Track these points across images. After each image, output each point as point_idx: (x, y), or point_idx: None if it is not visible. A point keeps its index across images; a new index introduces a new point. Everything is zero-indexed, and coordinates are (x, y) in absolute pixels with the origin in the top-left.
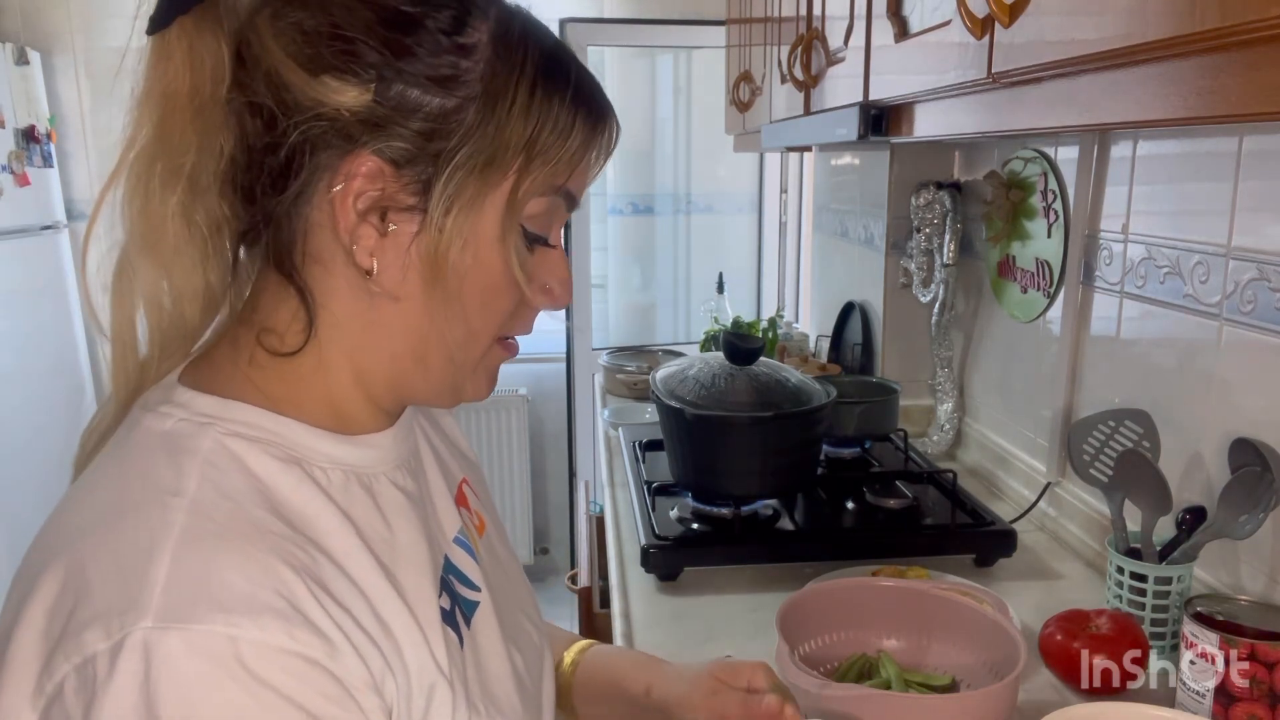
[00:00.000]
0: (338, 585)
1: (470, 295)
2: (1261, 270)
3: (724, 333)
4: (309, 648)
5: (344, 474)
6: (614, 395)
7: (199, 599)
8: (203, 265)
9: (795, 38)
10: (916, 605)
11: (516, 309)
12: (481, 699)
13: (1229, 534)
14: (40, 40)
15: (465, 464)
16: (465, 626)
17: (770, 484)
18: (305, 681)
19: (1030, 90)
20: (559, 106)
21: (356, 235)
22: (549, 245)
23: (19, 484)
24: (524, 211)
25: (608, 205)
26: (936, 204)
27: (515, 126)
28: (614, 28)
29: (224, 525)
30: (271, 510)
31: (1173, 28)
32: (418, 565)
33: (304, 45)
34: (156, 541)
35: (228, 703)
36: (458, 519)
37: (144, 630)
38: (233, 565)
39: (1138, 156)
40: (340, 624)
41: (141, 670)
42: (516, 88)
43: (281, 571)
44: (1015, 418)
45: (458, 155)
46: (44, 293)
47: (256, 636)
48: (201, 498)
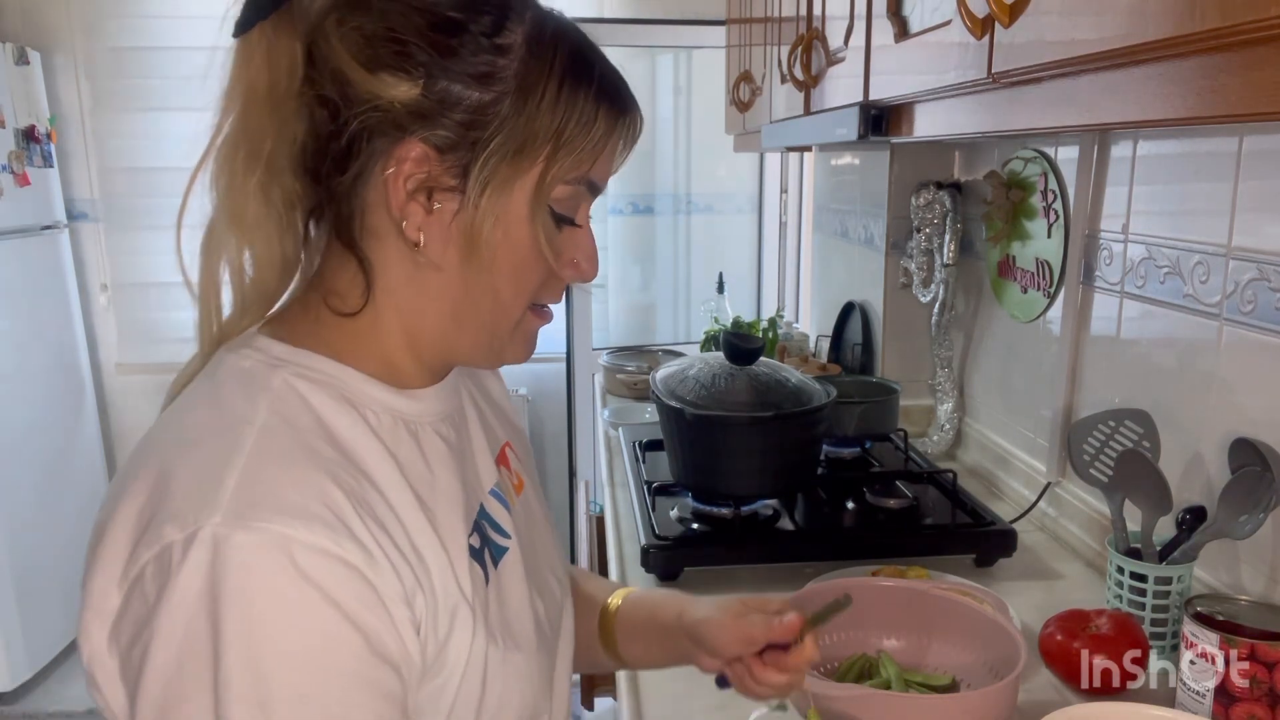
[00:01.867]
0: (379, 509)
1: (502, 267)
2: (1261, 270)
3: (724, 333)
4: (350, 554)
5: (393, 419)
6: (614, 395)
7: (261, 504)
8: (279, 237)
9: (795, 38)
10: (916, 605)
11: (546, 280)
12: (500, 630)
13: (1229, 534)
14: (40, 40)
15: (510, 430)
16: (493, 567)
17: (770, 484)
18: (344, 584)
19: (1030, 90)
20: (584, 100)
21: (406, 212)
22: (575, 225)
23: (19, 483)
24: (551, 194)
25: (608, 205)
26: (936, 204)
27: (544, 118)
28: (614, 28)
29: (286, 448)
30: (327, 440)
31: (1173, 28)
32: (451, 504)
33: (364, 46)
34: (229, 457)
35: (276, 591)
36: (495, 474)
37: (213, 526)
38: (291, 480)
39: (1138, 156)
40: (379, 540)
41: (209, 559)
42: (546, 83)
43: (331, 490)
44: (1015, 418)
45: (493, 143)
46: (44, 293)
47: (307, 539)
48: (269, 425)
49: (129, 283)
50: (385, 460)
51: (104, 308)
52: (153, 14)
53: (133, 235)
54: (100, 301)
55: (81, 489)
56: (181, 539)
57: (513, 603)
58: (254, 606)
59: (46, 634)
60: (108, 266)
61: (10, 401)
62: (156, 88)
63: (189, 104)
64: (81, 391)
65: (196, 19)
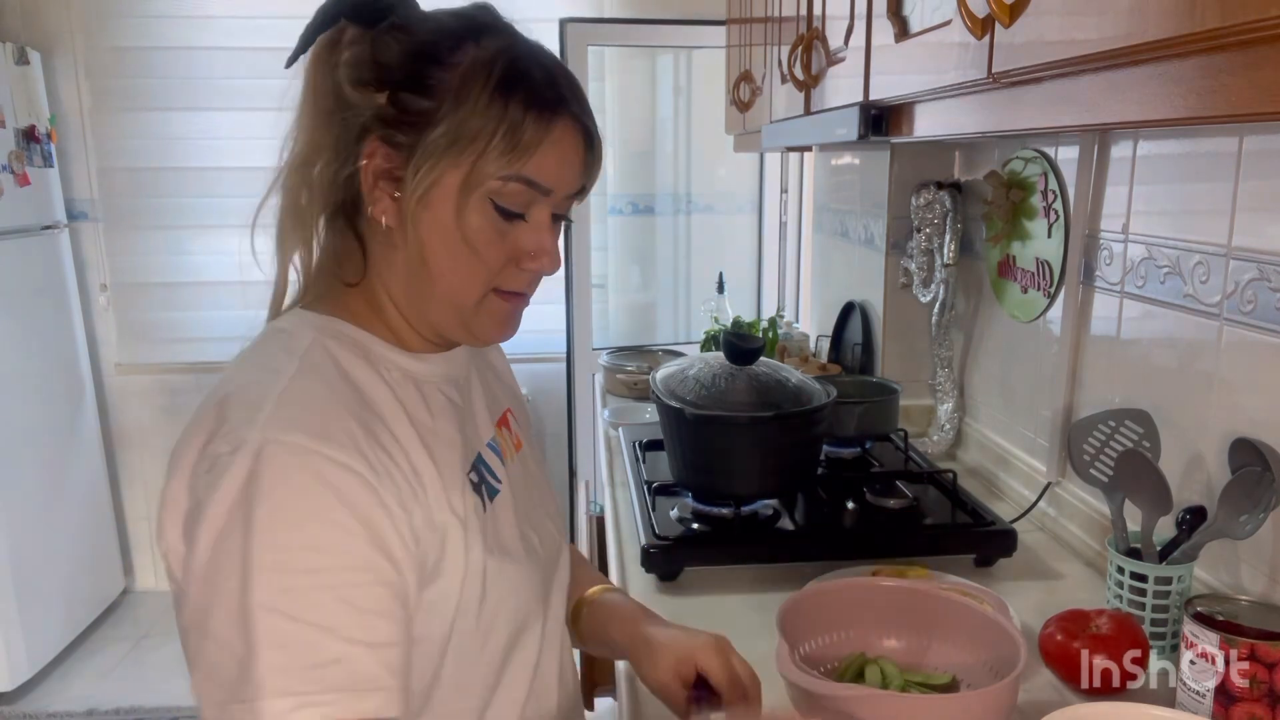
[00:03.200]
0: (384, 439)
1: (440, 251)
2: (1262, 270)
3: (724, 333)
4: (358, 466)
5: (402, 375)
6: (614, 395)
7: (293, 426)
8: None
9: (795, 38)
10: (916, 605)
11: (502, 268)
12: (497, 547)
13: (1229, 534)
14: (40, 40)
15: (512, 398)
16: (490, 500)
17: (770, 484)
18: (353, 488)
19: (1030, 90)
20: (512, 107)
21: (373, 198)
22: (523, 219)
23: (19, 483)
24: (486, 188)
25: (608, 205)
26: (937, 204)
27: (474, 121)
28: (614, 28)
29: (313, 388)
30: (347, 385)
31: (1173, 28)
32: (450, 447)
33: (355, 68)
34: (268, 392)
35: (299, 488)
36: (493, 432)
37: (253, 440)
38: (316, 410)
39: (1138, 156)
40: (383, 461)
41: (249, 465)
42: (479, 93)
43: (346, 419)
44: (1015, 418)
45: (430, 141)
46: (44, 293)
47: (325, 451)
48: (301, 371)
49: (129, 283)
50: (394, 406)
51: (104, 308)
52: (153, 14)
53: (133, 235)
54: (100, 301)
55: (81, 489)
56: (228, 450)
57: (505, 531)
58: (280, 499)
59: (46, 634)
60: (108, 266)
61: (10, 401)
62: (156, 88)
63: (189, 104)
64: (81, 391)
65: (196, 19)
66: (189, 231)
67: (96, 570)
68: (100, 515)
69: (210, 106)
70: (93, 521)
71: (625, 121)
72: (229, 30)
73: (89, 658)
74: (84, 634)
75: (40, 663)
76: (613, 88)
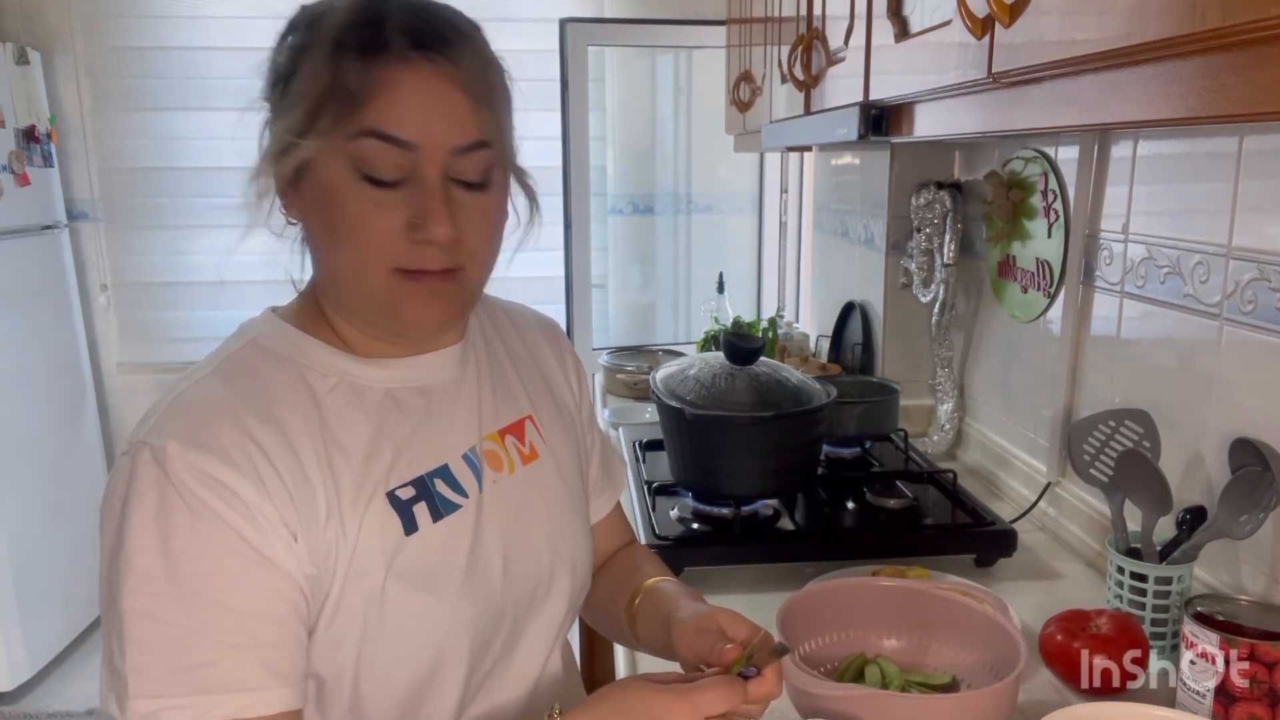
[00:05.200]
0: (277, 449)
1: (326, 236)
2: (1262, 270)
3: (724, 333)
4: (223, 476)
5: (339, 380)
6: (614, 395)
7: (170, 432)
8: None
9: (795, 38)
10: (916, 605)
11: (396, 244)
12: (413, 573)
13: (1229, 534)
14: (40, 40)
15: (549, 406)
16: (430, 520)
17: (770, 484)
18: (220, 496)
19: (1030, 90)
20: (321, 60)
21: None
22: (390, 185)
23: (19, 483)
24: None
25: (608, 205)
26: (937, 204)
27: (298, 91)
28: (614, 28)
29: (207, 394)
30: (255, 392)
31: (1173, 28)
32: (372, 456)
33: (269, 74)
34: (167, 397)
35: (170, 497)
36: (474, 441)
37: (137, 443)
38: (198, 417)
39: (1138, 156)
40: (261, 471)
41: (130, 466)
42: (297, 65)
43: (229, 428)
44: (1015, 418)
45: (280, 124)
46: (44, 293)
47: (194, 459)
48: (210, 375)
49: (129, 283)
50: (307, 415)
51: (104, 308)
52: (153, 14)
53: (133, 235)
54: (100, 301)
55: (81, 489)
56: (123, 451)
57: (440, 555)
58: (150, 505)
59: (46, 634)
60: (108, 266)
61: (10, 401)
62: (156, 88)
63: (189, 104)
64: (81, 391)
65: (196, 19)
66: (189, 231)
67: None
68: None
69: (210, 106)
70: (93, 521)
71: (625, 121)
72: (229, 30)
73: (89, 658)
74: (84, 634)
75: (40, 663)
76: (613, 88)
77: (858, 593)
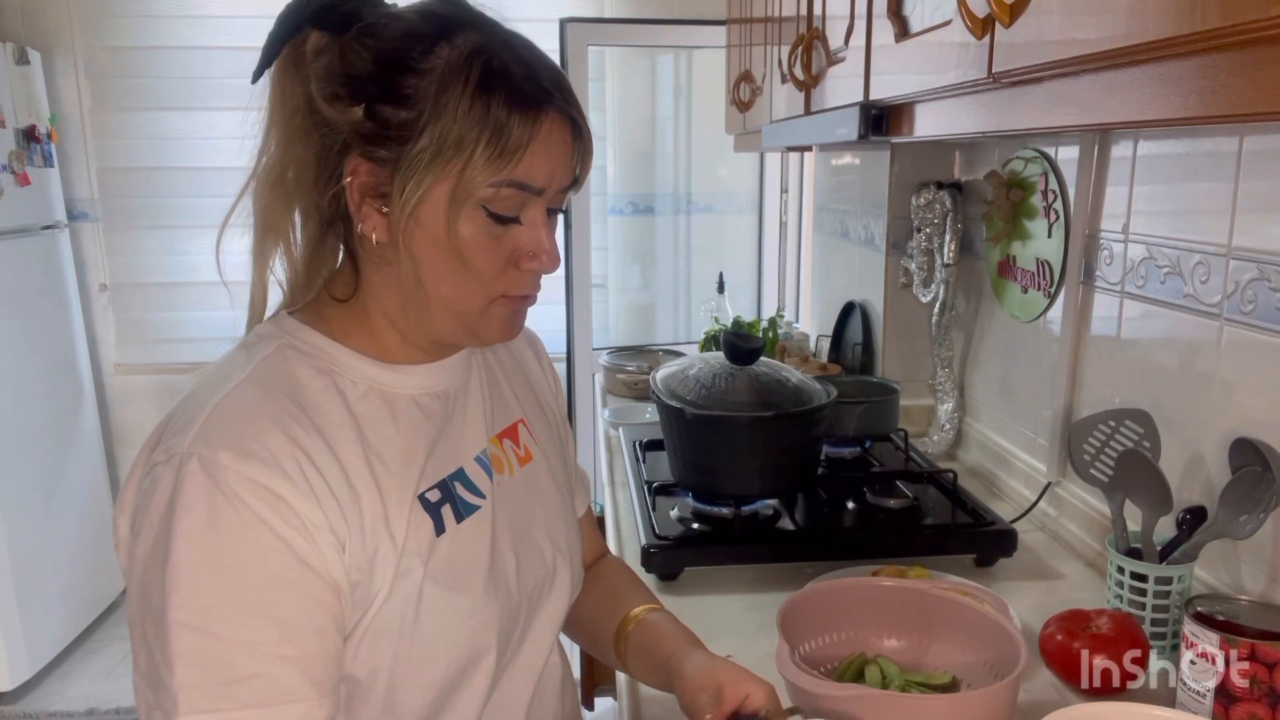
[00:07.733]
0: (322, 456)
1: (435, 262)
2: (1262, 270)
3: (724, 333)
4: (276, 485)
5: (369, 387)
6: (614, 395)
7: (216, 440)
8: (307, 244)
9: (795, 38)
10: (916, 605)
11: (501, 272)
12: (445, 573)
13: (1229, 534)
14: (40, 40)
15: (535, 410)
16: (454, 520)
17: (770, 484)
18: (270, 506)
19: (1030, 90)
20: (495, 110)
21: (361, 215)
22: (518, 223)
23: (19, 483)
24: (478, 196)
25: (608, 205)
26: (937, 204)
27: (456, 128)
28: (614, 28)
29: (249, 400)
30: (293, 398)
31: (1173, 28)
32: (408, 461)
33: (326, 81)
34: (206, 404)
35: (219, 507)
36: (484, 444)
37: (180, 454)
38: (244, 424)
39: (1138, 156)
40: (314, 479)
41: (174, 477)
42: (459, 100)
43: (276, 435)
44: (1015, 418)
45: (413, 153)
46: (44, 293)
47: (244, 469)
48: (246, 381)
49: (129, 283)
50: (344, 420)
51: (103, 308)
52: (153, 14)
53: (132, 235)
54: (100, 301)
55: (81, 489)
56: (163, 460)
57: (467, 555)
58: (198, 516)
59: (46, 634)
60: (107, 266)
61: (10, 401)
62: (156, 88)
63: (189, 104)
64: (81, 391)
65: (196, 19)
66: (189, 231)
67: (96, 570)
68: (100, 515)
69: (210, 106)
70: (93, 521)
71: (625, 121)
72: (229, 30)
73: (89, 658)
74: (84, 634)
75: (40, 663)
76: (613, 88)
77: (858, 593)
